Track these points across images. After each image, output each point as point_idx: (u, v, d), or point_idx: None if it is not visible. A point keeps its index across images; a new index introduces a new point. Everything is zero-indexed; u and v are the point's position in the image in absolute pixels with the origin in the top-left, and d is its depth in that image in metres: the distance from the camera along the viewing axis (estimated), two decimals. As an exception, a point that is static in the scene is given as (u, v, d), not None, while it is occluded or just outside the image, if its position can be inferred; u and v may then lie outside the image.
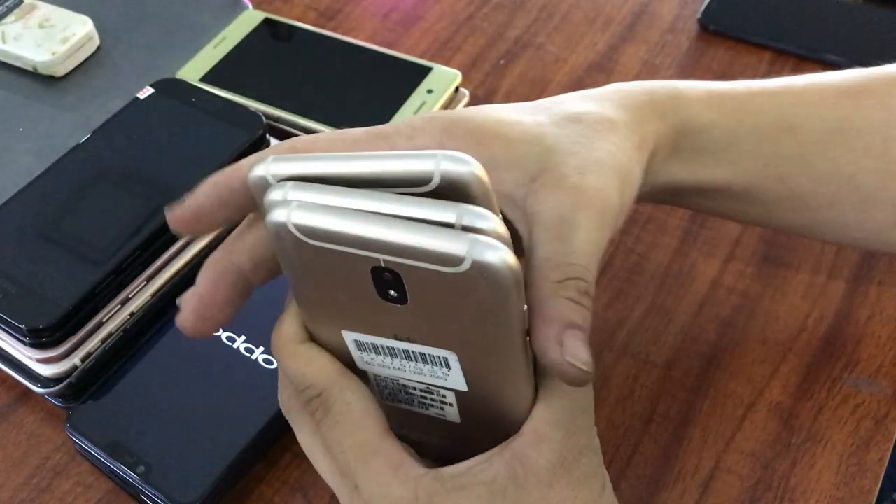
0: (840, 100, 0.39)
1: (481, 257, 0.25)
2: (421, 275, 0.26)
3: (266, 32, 0.60)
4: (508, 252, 0.26)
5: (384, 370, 0.32)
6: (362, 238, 0.26)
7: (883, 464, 0.42)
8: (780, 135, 0.38)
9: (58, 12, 0.61)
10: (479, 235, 0.25)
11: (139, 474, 0.40)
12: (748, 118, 0.38)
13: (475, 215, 0.26)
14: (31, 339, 0.43)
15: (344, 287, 0.28)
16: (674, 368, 0.45)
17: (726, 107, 0.38)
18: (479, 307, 0.27)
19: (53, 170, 0.49)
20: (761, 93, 0.39)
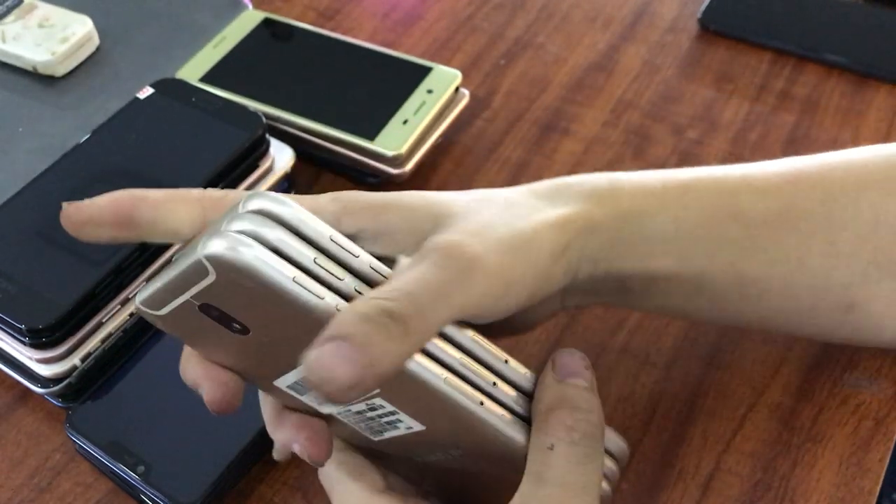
0: (780, 185, 0.38)
1: (208, 251, 0.26)
2: (212, 298, 0.28)
3: (266, 32, 0.60)
4: (242, 240, 0.26)
5: (329, 406, 0.32)
6: (159, 290, 0.29)
7: (883, 464, 0.42)
8: (726, 221, 0.37)
9: (57, 12, 0.61)
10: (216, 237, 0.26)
11: (139, 474, 0.40)
12: (693, 204, 0.37)
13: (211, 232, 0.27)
14: (31, 339, 0.42)
15: (219, 338, 0.29)
16: (674, 369, 0.45)
17: (669, 195, 0.37)
18: (277, 307, 0.27)
19: (53, 170, 0.49)
20: (702, 180, 0.38)
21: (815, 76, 0.59)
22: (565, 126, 0.57)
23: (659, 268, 0.36)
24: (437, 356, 0.30)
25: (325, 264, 0.27)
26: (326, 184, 0.55)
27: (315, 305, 0.27)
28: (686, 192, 0.37)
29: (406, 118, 0.53)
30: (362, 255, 0.28)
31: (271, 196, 0.28)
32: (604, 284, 0.37)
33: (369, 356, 0.26)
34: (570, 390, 0.32)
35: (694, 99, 0.58)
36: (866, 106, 0.57)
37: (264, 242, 0.26)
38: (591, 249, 0.35)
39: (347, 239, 0.28)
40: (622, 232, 0.36)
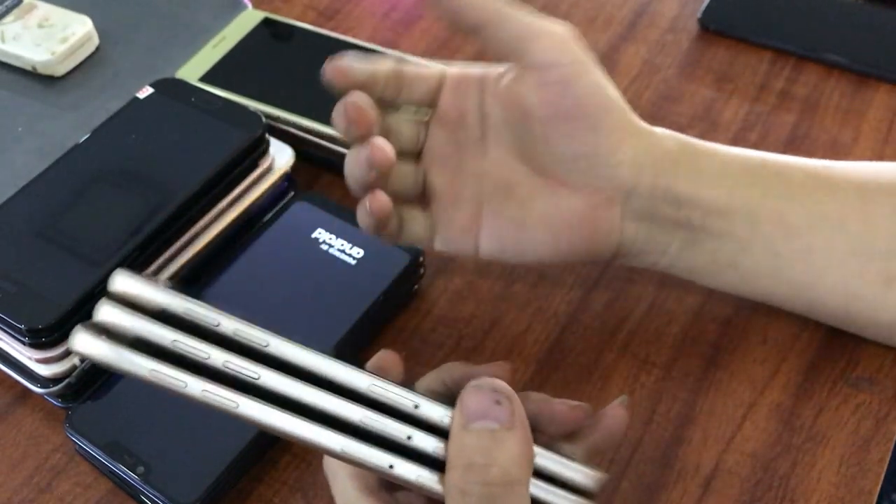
0: (816, 168, 0.42)
1: (72, 344, 0.27)
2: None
3: (266, 32, 0.60)
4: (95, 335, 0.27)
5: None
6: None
7: (883, 464, 0.42)
8: (770, 174, 0.41)
9: (57, 12, 0.61)
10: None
11: (139, 474, 0.40)
12: (738, 158, 0.41)
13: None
14: (31, 338, 0.42)
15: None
16: (674, 368, 0.45)
17: (719, 149, 0.41)
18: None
19: (53, 170, 0.49)
20: (745, 151, 0.42)
21: (815, 76, 0.59)
22: (565, 126, 0.57)
23: (711, 198, 0.40)
24: (340, 416, 0.29)
25: (187, 343, 0.28)
26: (326, 184, 0.55)
27: (180, 392, 0.27)
28: (733, 151, 0.42)
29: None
30: (223, 323, 0.28)
31: (129, 278, 0.28)
32: (663, 209, 0.39)
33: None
34: (468, 441, 0.29)
35: (694, 99, 0.58)
36: (866, 106, 0.57)
37: (121, 332, 0.27)
38: (655, 157, 0.39)
39: (208, 308, 0.28)
40: (680, 156, 0.40)
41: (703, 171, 0.40)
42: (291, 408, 0.28)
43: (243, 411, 0.28)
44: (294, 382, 0.28)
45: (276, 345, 0.28)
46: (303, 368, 0.29)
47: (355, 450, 0.29)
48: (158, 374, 0.27)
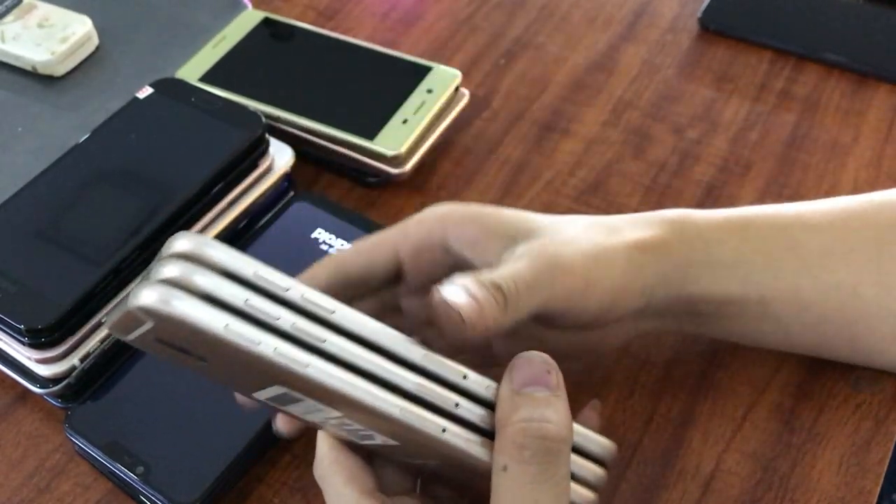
0: (832, 222, 0.41)
1: (139, 303, 0.26)
2: (160, 336, 0.28)
3: (265, 32, 0.60)
4: (169, 291, 0.26)
5: (312, 417, 0.33)
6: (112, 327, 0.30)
7: (884, 464, 0.42)
8: (783, 252, 0.40)
9: (57, 12, 0.61)
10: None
11: (138, 475, 0.40)
12: (752, 236, 0.40)
13: (143, 278, 0.27)
14: (30, 339, 0.42)
15: (183, 357, 0.30)
16: (674, 368, 0.45)
17: (731, 226, 0.40)
18: (221, 348, 0.27)
19: (52, 170, 0.49)
20: (759, 216, 0.41)
21: (815, 76, 0.59)
22: (565, 126, 0.57)
23: (725, 291, 0.39)
24: (394, 383, 0.29)
25: (258, 304, 0.27)
26: (326, 184, 0.55)
27: (252, 351, 0.27)
28: (746, 226, 0.40)
29: (406, 118, 0.53)
30: (293, 288, 0.28)
31: (194, 237, 0.27)
32: (676, 306, 0.39)
33: (478, 311, 0.31)
34: (523, 403, 0.31)
35: (694, 98, 0.58)
36: (866, 105, 0.57)
37: (193, 289, 0.26)
38: (664, 272, 0.38)
39: (276, 271, 0.28)
40: (691, 257, 0.39)
41: (714, 267, 0.39)
42: (354, 372, 0.29)
43: (312, 372, 0.28)
44: (357, 348, 0.29)
45: (341, 313, 0.29)
46: (363, 337, 0.29)
47: (412, 412, 0.29)
48: (233, 330, 0.26)
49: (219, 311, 0.26)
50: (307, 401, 0.30)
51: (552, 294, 0.34)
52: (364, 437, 0.32)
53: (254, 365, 0.27)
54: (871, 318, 0.40)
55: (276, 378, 0.29)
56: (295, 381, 0.28)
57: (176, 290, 0.26)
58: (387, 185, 0.54)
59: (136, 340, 0.29)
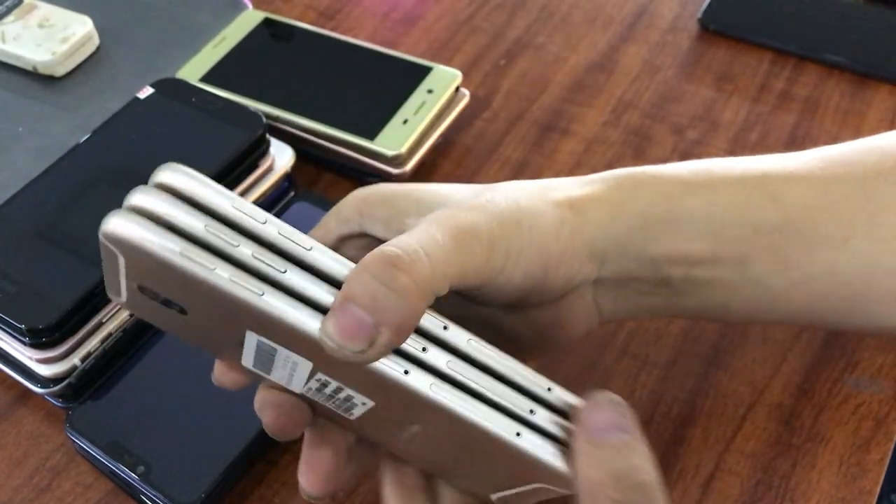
0: (813, 170, 0.36)
1: (102, 228, 0.26)
2: (136, 277, 0.27)
3: (266, 32, 0.60)
4: (130, 216, 0.25)
5: (293, 383, 0.31)
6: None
7: (884, 464, 0.42)
8: (762, 204, 0.35)
9: (57, 12, 0.61)
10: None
11: (139, 474, 0.40)
12: (723, 188, 0.35)
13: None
14: (31, 338, 0.42)
15: (170, 318, 0.29)
16: (674, 369, 0.45)
17: (698, 178, 0.35)
18: (185, 283, 0.26)
19: (53, 170, 0.49)
20: (728, 167, 0.36)
21: (815, 76, 0.59)
22: (565, 126, 0.57)
23: (696, 251, 0.34)
24: (462, 383, 0.28)
25: (219, 231, 0.26)
26: (326, 184, 0.55)
27: (206, 278, 0.25)
28: (714, 178, 0.35)
29: (406, 118, 0.53)
30: (270, 221, 0.27)
31: (173, 167, 0.27)
32: (639, 274, 0.35)
33: (379, 315, 0.26)
34: (606, 455, 0.28)
35: (694, 99, 0.58)
36: (866, 106, 0.57)
37: (153, 216, 0.26)
38: (615, 233, 0.34)
39: (254, 206, 0.27)
40: (649, 213, 0.34)
41: (679, 223, 0.34)
42: (316, 309, 0.27)
43: (266, 302, 0.26)
44: (320, 285, 0.27)
45: (318, 251, 0.27)
46: (332, 276, 0.27)
47: (486, 413, 0.28)
48: (188, 256, 0.25)
49: (176, 237, 0.25)
50: (281, 352, 0.29)
51: (465, 263, 0.29)
52: (346, 407, 0.31)
53: (218, 304, 0.26)
54: (866, 275, 0.35)
55: (243, 320, 0.27)
56: (257, 318, 0.27)
57: (138, 216, 0.25)
58: (387, 186, 0.54)
59: (129, 302, 0.29)
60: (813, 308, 0.37)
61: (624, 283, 0.35)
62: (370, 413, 0.31)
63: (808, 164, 0.37)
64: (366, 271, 0.26)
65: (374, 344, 0.26)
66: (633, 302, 0.36)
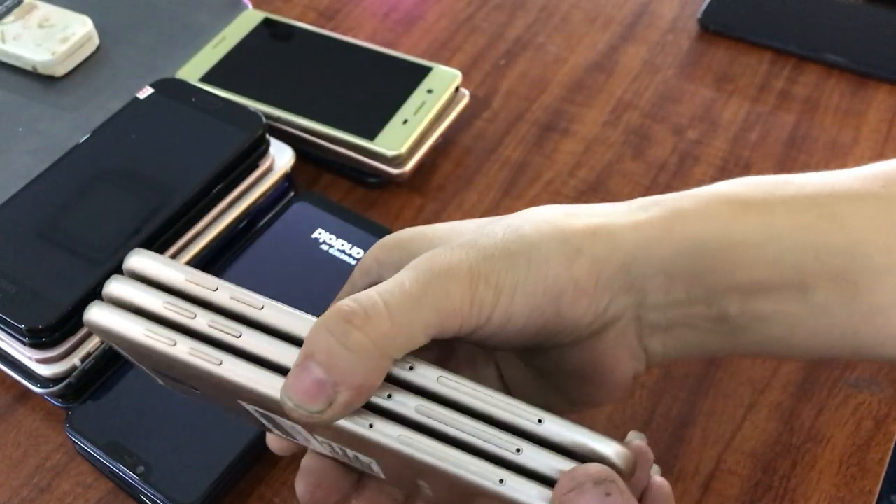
0: (873, 190, 0.32)
1: (84, 317, 0.28)
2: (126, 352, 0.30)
3: (266, 32, 0.60)
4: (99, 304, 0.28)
5: (300, 436, 0.30)
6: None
7: (883, 464, 0.42)
8: (823, 224, 0.31)
9: (57, 12, 0.61)
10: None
11: (139, 474, 0.40)
12: (779, 207, 0.31)
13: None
14: (31, 338, 0.42)
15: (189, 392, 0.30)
16: (674, 369, 0.45)
17: (750, 199, 0.31)
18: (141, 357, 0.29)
19: (53, 170, 0.49)
20: (783, 183, 0.32)
21: (815, 76, 0.59)
22: (565, 126, 0.57)
23: (755, 279, 0.31)
24: (435, 428, 0.26)
25: (176, 305, 0.27)
26: (326, 184, 0.55)
27: (170, 353, 0.27)
28: (766, 196, 0.32)
29: (406, 118, 0.53)
30: (221, 286, 0.27)
31: (138, 253, 0.29)
32: (691, 309, 0.31)
33: (335, 374, 0.25)
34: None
35: (694, 99, 0.58)
36: (866, 106, 0.57)
37: (121, 302, 0.28)
38: (658, 259, 0.30)
39: (206, 275, 0.28)
40: (699, 240, 0.30)
41: (736, 249, 0.31)
42: (271, 370, 0.27)
43: (226, 370, 0.26)
44: (278, 345, 0.27)
45: (270, 308, 0.27)
46: (287, 332, 0.27)
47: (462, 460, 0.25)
48: (152, 334, 0.27)
49: (141, 318, 0.27)
50: (274, 417, 0.28)
51: (441, 307, 0.27)
52: (365, 465, 0.30)
53: (202, 378, 0.27)
54: None
55: (228, 392, 0.27)
56: (226, 386, 0.27)
57: (109, 305, 0.28)
58: (387, 186, 0.54)
59: (162, 383, 0.31)
60: (881, 341, 0.32)
61: (674, 320, 0.31)
62: (388, 470, 0.29)
63: (868, 182, 0.33)
64: (322, 327, 0.26)
65: (332, 404, 0.25)
66: (685, 341, 0.32)
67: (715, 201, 0.31)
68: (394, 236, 0.32)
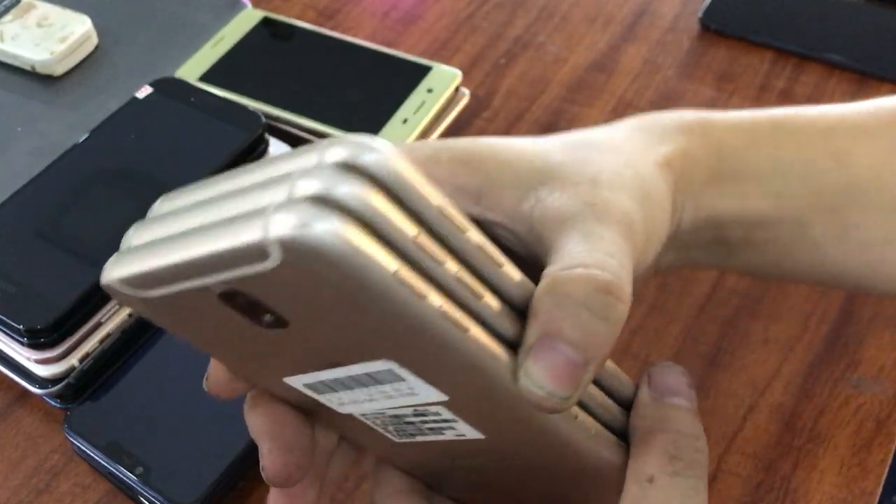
0: (883, 126, 0.34)
1: (280, 233, 0.18)
2: (252, 286, 0.20)
3: (265, 31, 0.60)
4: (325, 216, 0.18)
5: (361, 406, 0.27)
6: (171, 266, 0.21)
7: (885, 465, 0.42)
8: (826, 161, 0.33)
9: (56, 11, 0.61)
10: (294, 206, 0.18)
11: (137, 475, 0.40)
12: (788, 142, 0.33)
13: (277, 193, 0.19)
14: (29, 339, 0.42)
15: (228, 328, 0.23)
16: (675, 369, 0.45)
17: (761, 130, 0.33)
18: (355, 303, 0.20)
19: (52, 169, 0.49)
20: (794, 117, 0.34)
21: (816, 75, 0.59)
22: (565, 126, 0.57)
23: (757, 209, 0.32)
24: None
25: (427, 245, 0.20)
26: (326, 183, 0.55)
27: (414, 309, 0.20)
28: (778, 129, 0.33)
29: (406, 117, 0.53)
30: (471, 232, 0.22)
31: (362, 143, 0.20)
32: (701, 234, 0.32)
33: (591, 351, 0.23)
34: (671, 412, 0.28)
35: (695, 98, 0.58)
36: (867, 105, 0.57)
37: (357, 217, 0.19)
38: (693, 188, 0.31)
39: (458, 210, 0.21)
40: (717, 168, 0.32)
41: (745, 180, 0.32)
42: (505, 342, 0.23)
43: (471, 340, 0.21)
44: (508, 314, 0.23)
45: (509, 265, 0.23)
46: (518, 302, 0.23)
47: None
48: (402, 278, 0.19)
49: (387, 252, 0.19)
50: (408, 382, 0.24)
51: (635, 263, 0.27)
52: (421, 433, 0.28)
53: (382, 324, 0.21)
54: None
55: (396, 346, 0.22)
56: (433, 351, 0.21)
57: (332, 216, 0.18)
58: (387, 185, 0.54)
59: (158, 299, 0.22)
60: (865, 274, 0.35)
61: (688, 245, 0.33)
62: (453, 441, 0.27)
63: (878, 118, 0.34)
64: (574, 302, 0.23)
65: (579, 386, 0.23)
66: (688, 256, 0.33)
67: (732, 129, 0.32)
68: (444, 149, 0.29)
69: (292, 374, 0.26)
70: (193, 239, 0.20)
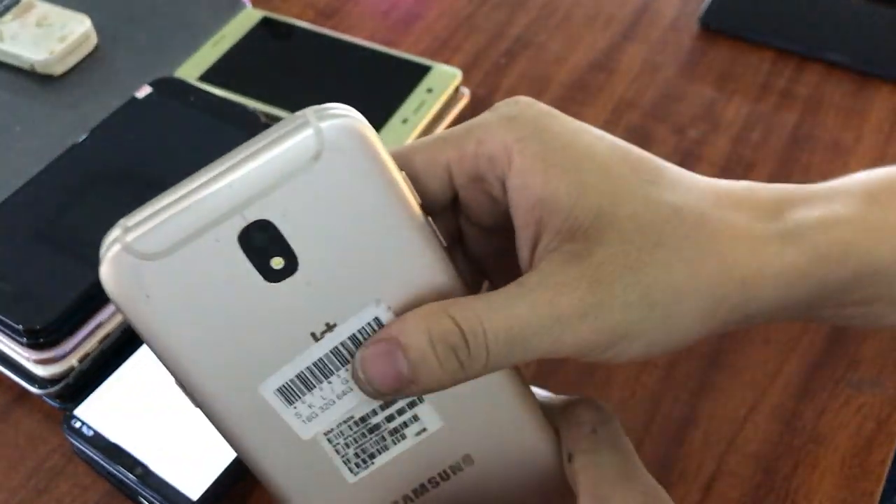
0: None
1: (331, 122, 0.26)
2: (290, 204, 0.25)
3: (265, 31, 0.60)
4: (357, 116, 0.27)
5: (330, 412, 0.28)
6: (203, 203, 0.26)
7: (885, 465, 0.42)
8: None
9: (55, 11, 0.61)
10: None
11: (137, 476, 0.40)
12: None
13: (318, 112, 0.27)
14: (29, 339, 0.42)
15: (223, 298, 0.25)
16: (675, 369, 0.45)
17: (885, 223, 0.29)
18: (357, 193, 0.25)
19: (51, 169, 0.49)
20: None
21: (816, 75, 0.59)
22: (566, 125, 0.57)
23: (864, 297, 0.29)
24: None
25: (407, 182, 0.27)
26: (326, 183, 0.55)
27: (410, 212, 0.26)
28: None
29: (406, 117, 0.53)
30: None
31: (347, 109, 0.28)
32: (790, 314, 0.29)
33: (416, 376, 0.25)
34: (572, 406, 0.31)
35: (695, 98, 0.58)
36: (868, 105, 0.57)
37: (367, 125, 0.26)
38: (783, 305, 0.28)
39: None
40: (830, 282, 0.28)
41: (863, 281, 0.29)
42: None
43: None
44: None
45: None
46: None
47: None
48: (405, 180, 0.28)
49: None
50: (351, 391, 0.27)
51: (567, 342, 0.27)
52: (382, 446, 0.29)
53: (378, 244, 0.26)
54: None
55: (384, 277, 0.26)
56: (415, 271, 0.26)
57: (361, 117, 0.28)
58: (387, 185, 0.54)
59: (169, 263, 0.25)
60: None
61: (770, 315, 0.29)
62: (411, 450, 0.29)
63: None
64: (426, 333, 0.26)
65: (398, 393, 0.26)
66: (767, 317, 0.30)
67: (855, 225, 0.28)
68: (532, 147, 0.29)
69: (275, 372, 0.27)
70: (219, 175, 0.27)
